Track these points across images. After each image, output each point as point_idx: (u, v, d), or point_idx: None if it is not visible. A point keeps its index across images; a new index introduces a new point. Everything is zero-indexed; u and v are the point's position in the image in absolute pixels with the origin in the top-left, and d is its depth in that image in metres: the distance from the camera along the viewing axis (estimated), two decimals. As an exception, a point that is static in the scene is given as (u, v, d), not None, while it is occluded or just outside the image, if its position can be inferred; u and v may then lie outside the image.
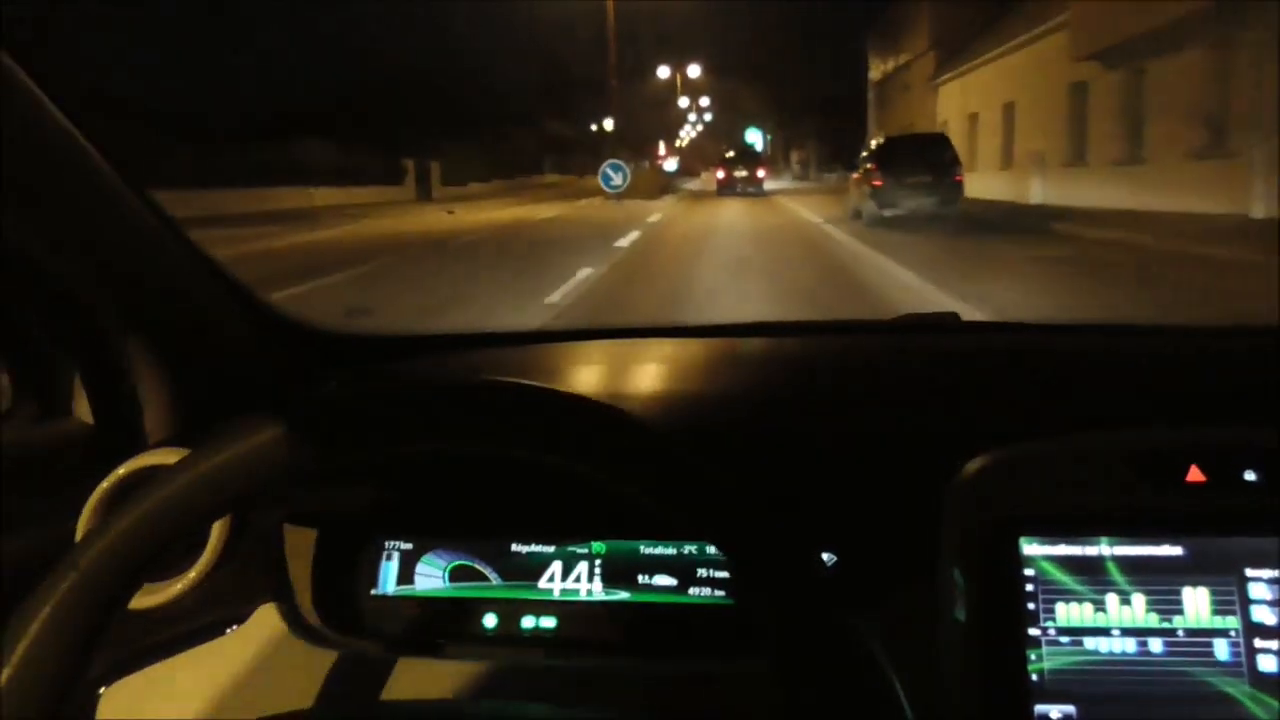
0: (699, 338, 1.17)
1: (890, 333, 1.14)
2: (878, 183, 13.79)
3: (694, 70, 47.29)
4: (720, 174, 27.93)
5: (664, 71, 46.71)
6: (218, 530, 0.78)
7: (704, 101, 59.80)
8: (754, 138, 46.72)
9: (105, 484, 0.78)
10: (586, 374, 1.05)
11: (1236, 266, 7.80)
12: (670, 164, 48.77)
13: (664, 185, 29.00)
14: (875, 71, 34.96)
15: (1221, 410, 0.74)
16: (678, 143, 69.68)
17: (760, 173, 27.75)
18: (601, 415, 0.51)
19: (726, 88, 53.18)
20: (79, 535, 0.77)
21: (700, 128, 67.00)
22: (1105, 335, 1.13)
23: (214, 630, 0.81)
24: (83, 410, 0.88)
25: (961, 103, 23.10)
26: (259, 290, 0.96)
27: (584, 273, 8.41)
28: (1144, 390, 0.88)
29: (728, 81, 51.62)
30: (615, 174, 21.07)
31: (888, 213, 13.68)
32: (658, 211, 18.70)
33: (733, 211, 19.50)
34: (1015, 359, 1.01)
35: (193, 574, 0.77)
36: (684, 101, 56.99)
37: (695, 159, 59.57)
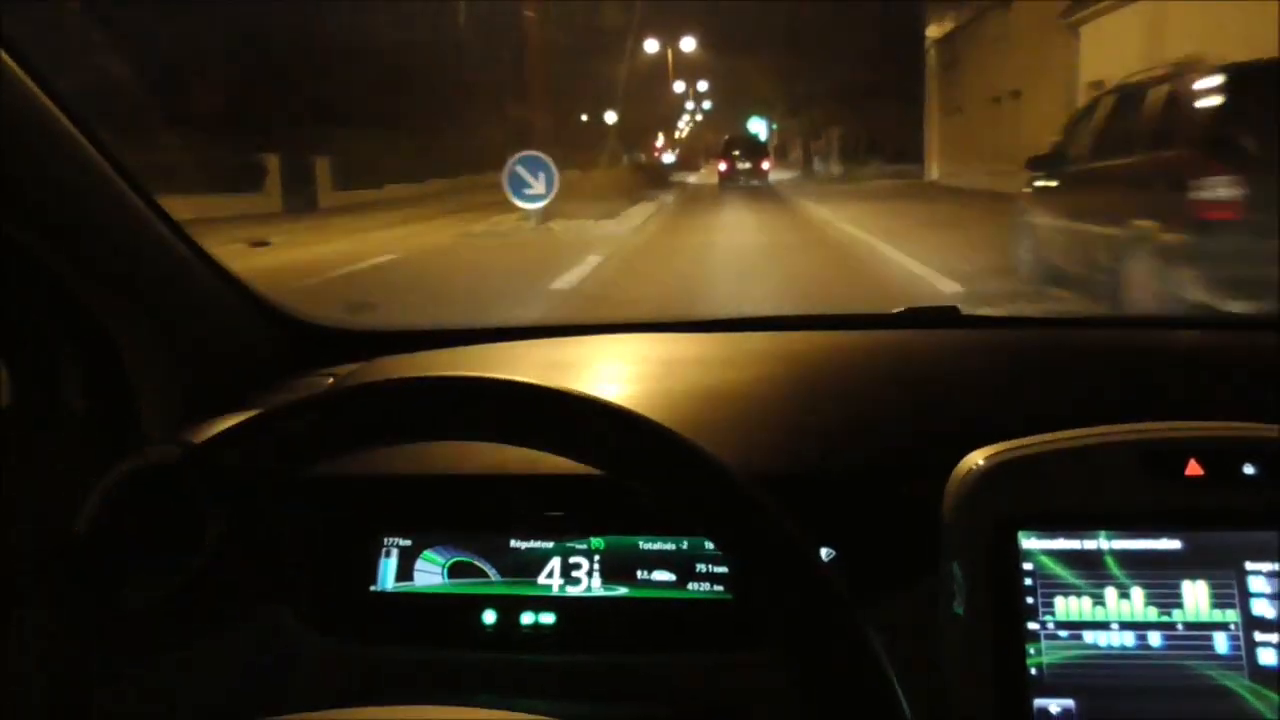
0: (699, 333, 1.17)
1: (891, 327, 1.15)
2: None
3: (688, 44, 40.35)
4: (722, 166, 25.06)
5: (652, 45, 37.69)
6: (215, 528, 0.78)
7: (702, 86, 50.88)
8: (757, 127, 41.82)
9: (105, 480, 0.77)
10: (588, 368, 1.06)
11: None
12: (668, 156, 43.82)
13: (641, 185, 21.57)
14: (940, 25, 24.88)
15: (1221, 404, 0.74)
16: (677, 134, 61.80)
17: (765, 164, 25.27)
18: (597, 409, 0.51)
19: (728, 67, 43.43)
20: (78, 531, 0.78)
21: (700, 117, 58.20)
22: (1104, 329, 1.18)
23: (212, 628, 0.81)
24: (82, 406, 0.88)
25: (1145, 45, 11.41)
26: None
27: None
28: (1143, 384, 0.89)
29: (730, 59, 41.91)
30: (532, 176, 11.72)
31: None
32: (606, 245, 10.21)
33: (745, 242, 10.84)
34: (1015, 353, 1.02)
35: (190, 572, 0.77)
36: (679, 86, 47.24)
37: (697, 151, 51.43)
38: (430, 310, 6.55)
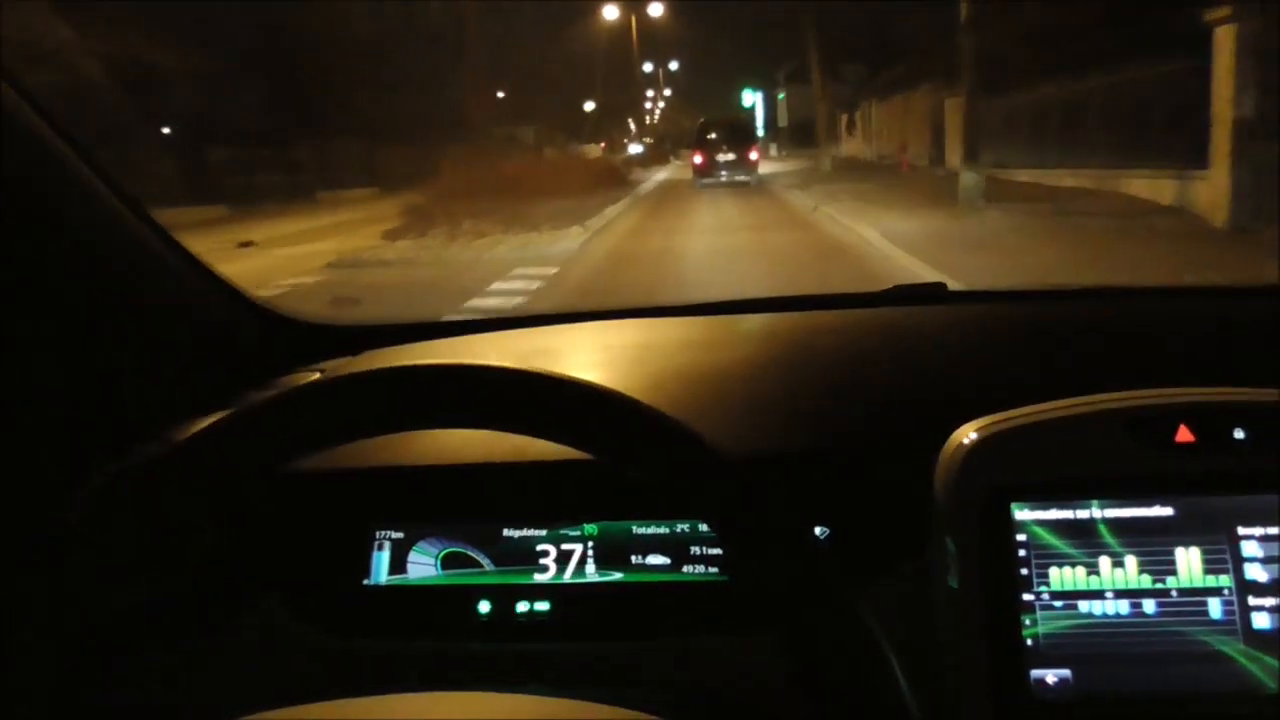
0: (689, 315, 1.17)
1: (879, 304, 1.15)
2: None
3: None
4: (698, 158, 19.64)
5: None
6: (209, 525, 0.79)
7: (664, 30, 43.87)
8: (748, 101, 37.27)
9: (96, 480, 0.78)
10: (577, 355, 1.06)
11: None
12: (635, 147, 41.93)
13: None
14: None
15: (1209, 370, 0.74)
16: (648, 120, 60.53)
17: (752, 154, 19.53)
18: (586, 392, 0.51)
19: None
20: (67, 531, 0.75)
21: (669, 93, 55.61)
22: (1091, 299, 1.16)
23: (208, 625, 0.81)
24: (72, 407, 0.87)
25: None
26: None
27: None
28: (1131, 353, 0.90)
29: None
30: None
31: None
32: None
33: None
34: (1003, 327, 1.03)
35: (185, 569, 0.78)
36: (618, 10, 38.53)
37: (675, 140, 49.29)
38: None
